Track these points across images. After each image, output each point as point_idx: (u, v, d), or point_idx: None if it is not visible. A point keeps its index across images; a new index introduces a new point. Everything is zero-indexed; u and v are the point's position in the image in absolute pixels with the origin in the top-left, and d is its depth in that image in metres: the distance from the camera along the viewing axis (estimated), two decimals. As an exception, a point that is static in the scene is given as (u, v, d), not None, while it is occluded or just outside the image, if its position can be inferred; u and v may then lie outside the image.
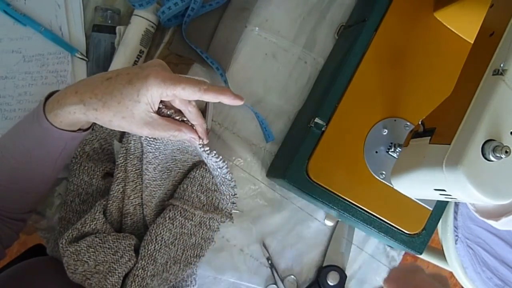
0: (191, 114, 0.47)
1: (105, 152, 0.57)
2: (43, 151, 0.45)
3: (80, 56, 0.60)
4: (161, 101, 0.44)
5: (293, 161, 0.54)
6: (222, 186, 0.56)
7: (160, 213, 0.55)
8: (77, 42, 0.61)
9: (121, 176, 0.53)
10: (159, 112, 0.44)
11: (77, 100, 0.41)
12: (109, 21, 0.60)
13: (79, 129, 0.46)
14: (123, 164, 0.53)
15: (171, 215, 0.53)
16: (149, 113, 0.43)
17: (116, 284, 0.48)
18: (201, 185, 0.56)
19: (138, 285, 0.48)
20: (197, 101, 0.58)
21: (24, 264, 0.51)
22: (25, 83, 0.59)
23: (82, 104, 0.41)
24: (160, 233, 0.52)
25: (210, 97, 0.43)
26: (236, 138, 0.64)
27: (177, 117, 0.46)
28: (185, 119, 0.47)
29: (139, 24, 0.59)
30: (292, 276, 0.65)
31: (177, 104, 0.46)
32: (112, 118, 0.42)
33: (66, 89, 0.43)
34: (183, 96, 0.42)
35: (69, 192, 0.55)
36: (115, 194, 0.53)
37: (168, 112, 0.45)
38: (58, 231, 0.54)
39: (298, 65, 0.66)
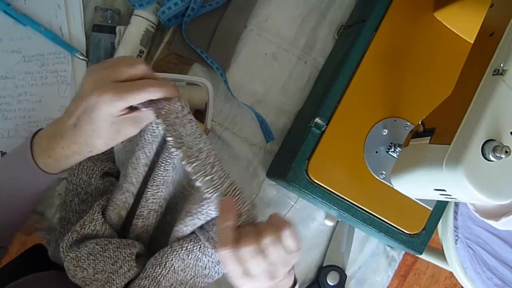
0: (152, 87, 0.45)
1: (104, 151, 0.56)
2: (30, 192, 0.48)
3: (80, 56, 0.60)
4: None
5: (293, 161, 0.54)
6: None
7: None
8: (77, 42, 0.61)
9: (129, 186, 0.51)
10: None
11: (70, 153, 0.44)
12: (109, 21, 0.60)
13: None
14: (137, 171, 0.51)
15: (189, 247, 0.50)
16: (122, 119, 0.43)
17: None
18: None
19: None
20: (196, 101, 0.59)
21: (29, 278, 0.51)
22: (25, 83, 0.59)
23: (77, 154, 0.44)
24: (171, 259, 0.50)
25: (157, 95, 0.43)
26: (236, 138, 0.64)
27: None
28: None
29: (139, 24, 0.59)
30: (292, 276, 0.65)
31: None
32: (106, 145, 0.44)
33: (50, 143, 0.44)
34: (137, 101, 0.42)
35: (68, 192, 0.55)
36: (117, 203, 0.51)
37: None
38: (59, 231, 0.54)
39: (298, 65, 0.66)
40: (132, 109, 0.43)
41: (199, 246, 0.51)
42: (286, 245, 0.42)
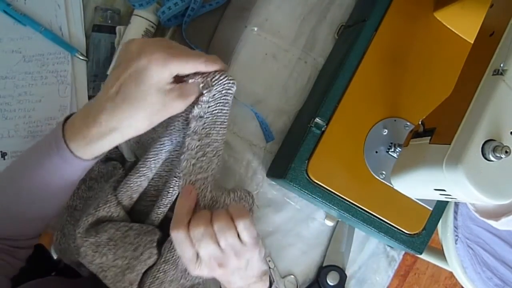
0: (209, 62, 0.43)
1: None
2: (64, 182, 0.44)
3: (80, 56, 0.60)
4: None
5: (293, 161, 0.54)
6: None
7: None
8: (77, 42, 0.61)
9: (146, 171, 0.50)
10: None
11: (107, 130, 0.39)
12: (109, 21, 0.60)
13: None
14: (158, 157, 0.49)
15: None
16: (171, 89, 0.40)
17: (133, 281, 0.47)
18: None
19: (156, 287, 0.48)
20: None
21: (33, 285, 0.50)
22: (25, 83, 0.59)
23: (116, 132, 0.40)
24: None
25: (210, 67, 0.43)
26: (236, 138, 0.64)
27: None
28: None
29: (139, 24, 0.59)
30: (292, 276, 0.65)
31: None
32: (150, 121, 0.41)
33: (85, 122, 0.40)
34: (188, 70, 0.41)
35: None
36: (131, 185, 0.49)
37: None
38: (65, 219, 0.53)
39: (298, 65, 0.66)
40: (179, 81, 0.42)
41: None
42: (240, 235, 0.41)
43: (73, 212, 0.53)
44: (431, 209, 0.58)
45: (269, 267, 0.64)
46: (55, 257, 0.66)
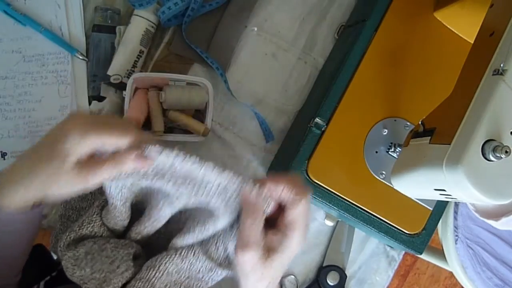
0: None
1: None
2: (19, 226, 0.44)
3: (80, 56, 0.60)
4: None
5: (293, 161, 0.54)
6: None
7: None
8: (77, 42, 0.61)
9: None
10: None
11: (10, 180, 0.40)
12: (109, 21, 0.60)
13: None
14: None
15: (183, 253, 0.50)
16: (80, 168, 0.39)
17: None
18: (224, 237, 0.51)
19: None
20: (196, 101, 0.59)
21: None
22: (25, 83, 0.59)
23: (15, 184, 0.39)
24: (165, 263, 0.49)
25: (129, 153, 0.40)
26: (236, 138, 0.64)
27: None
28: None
29: (139, 24, 0.59)
30: (292, 276, 0.65)
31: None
32: (59, 191, 0.40)
33: (13, 178, 0.40)
34: (108, 145, 0.39)
35: None
36: (117, 221, 0.50)
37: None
38: (58, 229, 0.54)
39: (298, 65, 0.66)
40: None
41: (193, 252, 0.50)
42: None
43: (66, 222, 0.54)
44: (431, 209, 0.58)
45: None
46: (55, 257, 0.66)
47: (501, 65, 0.37)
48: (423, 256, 0.75)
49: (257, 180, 0.41)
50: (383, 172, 0.56)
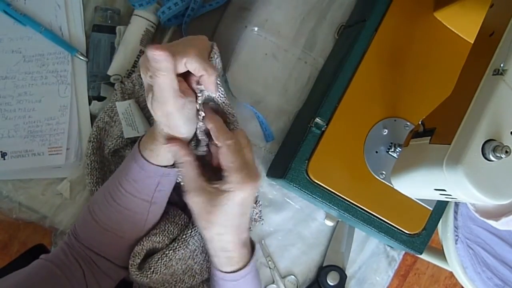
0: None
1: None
2: (138, 187, 0.47)
3: (80, 56, 0.60)
4: None
5: (293, 161, 0.54)
6: None
7: None
8: (77, 42, 0.61)
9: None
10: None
11: (157, 133, 0.44)
12: (109, 21, 0.60)
13: (173, 165, 0.47)
14: None
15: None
16: (173, 91, 0.41)
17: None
18: None
19: (163, 264, 0.49)
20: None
21: None
22: (25, 83, 0.59)
23: (162, 130, 0.44)
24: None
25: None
26: (236, 138, 0.64)
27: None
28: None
29: (139, 24, 0.59)
30: (292, 276, 0.65)
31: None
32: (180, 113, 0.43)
33: (147, 133, 0.46)
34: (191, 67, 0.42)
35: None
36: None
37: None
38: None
39: (298, 65, 0.66)
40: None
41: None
42: None
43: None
44: (431, 209, 0.58)
45: (269, 267, 0.64)
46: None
47: (501, 65, 0.37)
48: (423, 256, 0.75)
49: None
50: (383, 172, 0.56)
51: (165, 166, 0.47)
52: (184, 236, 0.51)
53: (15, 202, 0.59)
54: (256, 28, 0.65)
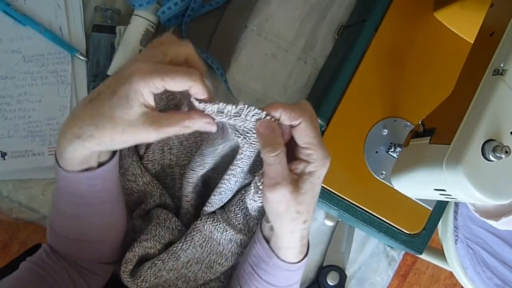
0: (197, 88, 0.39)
1: None
2: (74, 197, 0.43)
3: (80, 56, 0.60)
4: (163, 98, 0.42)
5: (293, 161, 0.54)
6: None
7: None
8: (77, 42, 0.61)
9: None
10: (160, 109, 0.43)
11: (71, 137, 0.38)
12: (109, 21, 0.60)
13: (98, 164, 0.42)
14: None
15: (203, 219, 0.52)
16: (147, 113, 0.37)
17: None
18: (242, 201, 0.52)
19: (153, 274, 0.49)
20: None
21: None
22: (25, 83, 0.59)
23: (77, 138, 0.37)
24: (191, 233, 0.51)
25: (198, 89, 0.38)
26: (236, 138, 0.64)
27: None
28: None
29: (139, 24, 0.59)
30: (292, 276, 0.65)
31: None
32: (112, 136, 0.37)
33: (63, 130, 0.39)
34: (173, 87, 0.37)
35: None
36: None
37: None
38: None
39: (298, 65, 0.66)
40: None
41: (211, 220, 0.51)
42: None
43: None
44: (431, 209, 0.58)
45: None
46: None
47: (501, 65, 0.37)
48: (423, 256, 0.75)
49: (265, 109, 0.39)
50: (383, 172, 0.56)
51: (85, 170, 0.41)
52: (174, 249, 0.50)
53: (15, 202, 0.59)
54: (256, 28, 0.65)
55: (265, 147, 0.38)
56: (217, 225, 0.51)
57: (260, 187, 0.42)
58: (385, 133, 0.57)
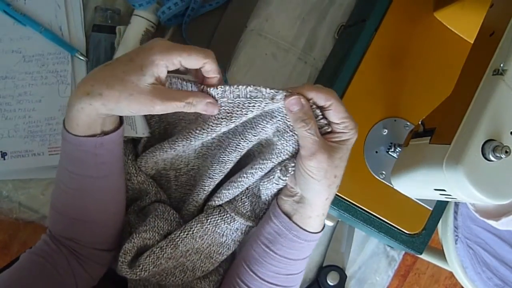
0: (210, 65, 0.43)
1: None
2: (77, 168, 0.44)
3: (80, 56, 0.60)
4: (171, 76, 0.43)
5: (293, 161, 0.54)
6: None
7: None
8: (77, 42, 0.61)
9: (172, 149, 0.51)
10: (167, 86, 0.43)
11: (81, 94, 0.39)
12: (109, 21, 0.60)
13: (102, 133, 0.43)
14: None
15: (208, 212, 0.52)
16: (156, 85, 0.40)
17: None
18: (248, 189, 0.53)
19: (151, 262, 0.49)
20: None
21: None
22: (25, 83, 0.59)
23: (86, 94, 0.39)
24: (191, 223, 0.51)
25: (212, 67, 0.43)
26: (236, 138, 0.64)
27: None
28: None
29: (139, 24, 0.59)
30: (292, 276, 0.65)
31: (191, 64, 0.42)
32: (118, 99, 0.39)
33: (76, 88, 0.41)
34: (189, 63, 0.41)
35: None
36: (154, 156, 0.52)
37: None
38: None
39: (298, 65, 0.66)
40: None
41: (218, 211, 0.52)
42: None
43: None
44: (431, 209, 0.58)
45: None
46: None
47: (501, 65, 0.37)
48: (423, 256, 0.75)
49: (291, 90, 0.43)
50: (383, 172, 0.56)
51: (92, 136, 0.42)
52: (173, 236, 0.50)
53: (15, 202, 0.59)
54: (256, 28, 0.65)
55: (298, 123, 0.42)
56: (224, 215, 0.52)
57: (291, 168, 0.45)
58: (385, 133, 0.57)
